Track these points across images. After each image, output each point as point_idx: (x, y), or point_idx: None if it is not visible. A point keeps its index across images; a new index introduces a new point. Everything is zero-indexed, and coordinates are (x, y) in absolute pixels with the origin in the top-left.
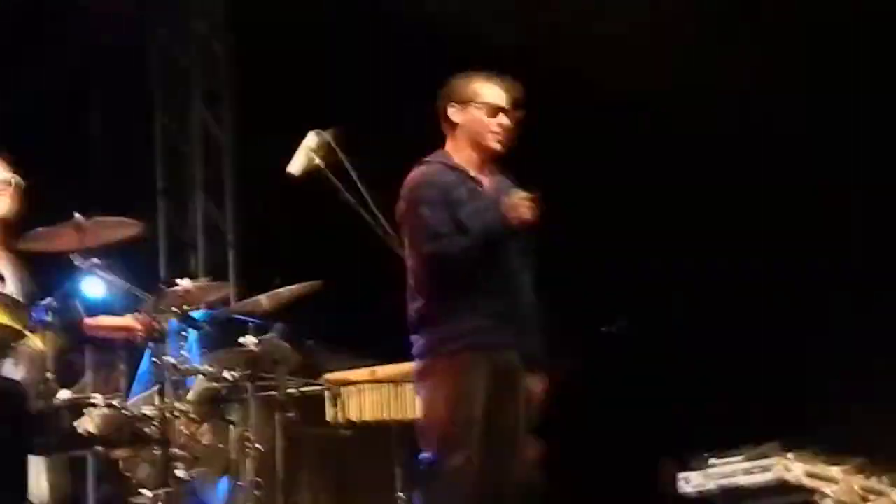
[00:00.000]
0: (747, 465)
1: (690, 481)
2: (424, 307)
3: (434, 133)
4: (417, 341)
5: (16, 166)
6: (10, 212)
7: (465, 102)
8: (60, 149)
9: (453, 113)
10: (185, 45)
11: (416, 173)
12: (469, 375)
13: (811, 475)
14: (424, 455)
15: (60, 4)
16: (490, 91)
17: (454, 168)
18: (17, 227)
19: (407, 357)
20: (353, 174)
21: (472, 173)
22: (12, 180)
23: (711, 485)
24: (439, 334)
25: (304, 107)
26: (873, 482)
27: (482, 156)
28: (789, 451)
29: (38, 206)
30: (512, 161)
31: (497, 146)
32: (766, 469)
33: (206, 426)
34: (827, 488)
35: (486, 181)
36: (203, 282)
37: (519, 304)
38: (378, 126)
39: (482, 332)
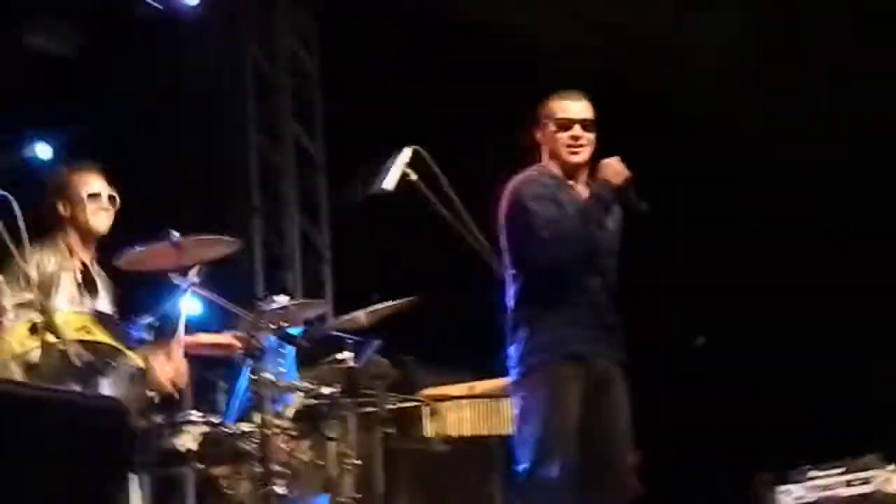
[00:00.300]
0: (848, 477)
1: (791, 493)
2: (518, 316)
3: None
4: (511, 352)
5: (112, 181)
6: (108, 228)
7: (542, 121)
8: (155, 168)
9: (536, 133)
10: (276, 62)
11: (518, 177)
12: (563, 385)
13: None
14: (520, 467)
15: (151, 22)
16: (559, 106)
17: (553, 177)
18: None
19: (504, 372)
20: (448, 188)
21: (571, 183)
22: (113, 196)
23: (812, 497)
24: (532, 344)
25: (393, 123)
26: None
27: (566, 169)
28: (890, 462)
29: (135, 226)
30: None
31: (573, 158)
32: (866, 481)
33: (305, 442)
34: None
35: (583, 192)
36: (300, 299)
37: (605, 315)
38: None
39: (574, 341)
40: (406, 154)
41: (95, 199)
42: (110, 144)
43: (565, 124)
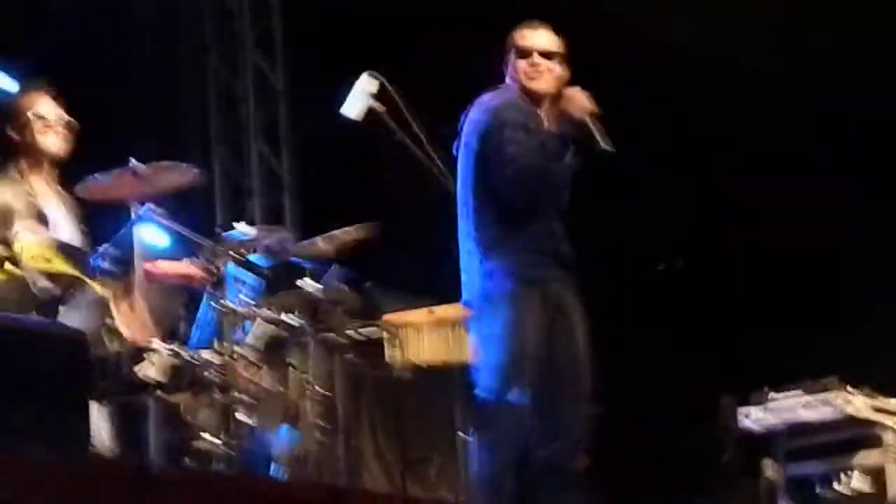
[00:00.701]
0: (808, 398)
1: (751, 416)
2: (474, 242)
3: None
4: (467, 277)
5: (69, 108)
6: (63, 151)
7: (509, 51)
8: (112, 96)
9: (506, 61)
10: None
11: (495, 96)
12: (520, 310)
13: (875, 409)
14: (482, 393)
15: None
16: (520, 35)
17: (520, 105)
18: (67, 168)
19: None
20: (409, 115)
21: (539, 112)
22: (64, 118)
23: (774, 419)
24: (489, 270)
25: (354, 50)
26: None
27: (532, 96)
28: (847, 384)
29: (93, 152)
30: None
31: (531, 84)
32: (826, 402)
33: (266, 370)
34: (890, 421)
35: (545, 120)
36: (260, 226)
37: (560, 244)
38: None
39: (530, 266)
40: (365, 80)
41: (43, 119)
42: (68, 72)
43: (525, 52)
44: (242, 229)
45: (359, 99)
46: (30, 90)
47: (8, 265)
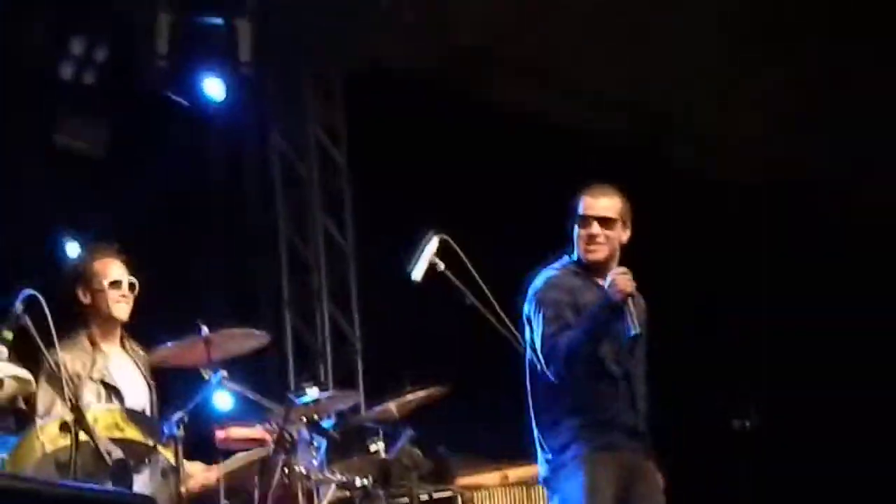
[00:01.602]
0: None
1: None
2: (542, 409)
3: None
4: (541, 443)
5: (137, 271)
6: (129, 315)
7: (572, 215)
8: (185, 262)
9: (570, 225)
10: (305, 153)
11: (542, 275)
12: (597, 473)
13: None
14: None
15: (180, 114)
16: (582, 202)
17: (580, 274)
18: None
19: (536, 459)
20: (476, 276)
21: (599, 281)
22: (135, 285)
23: None
24: (563, 437)
25: (421, 212)
26: None
27: (591, 265)
28: None
29: (166, 320)
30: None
31: (589, 256)
32: None
33: None
34: None
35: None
36: (332, 390)
37: (627, 413)
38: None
39: (599, 432)
40: (433, 243)
41: (116, 286)
42: (139, 239)
43: (584, 221)
44: (313, 393)
45: (425, 260)
46: (102, 253)
47: (79, 432)
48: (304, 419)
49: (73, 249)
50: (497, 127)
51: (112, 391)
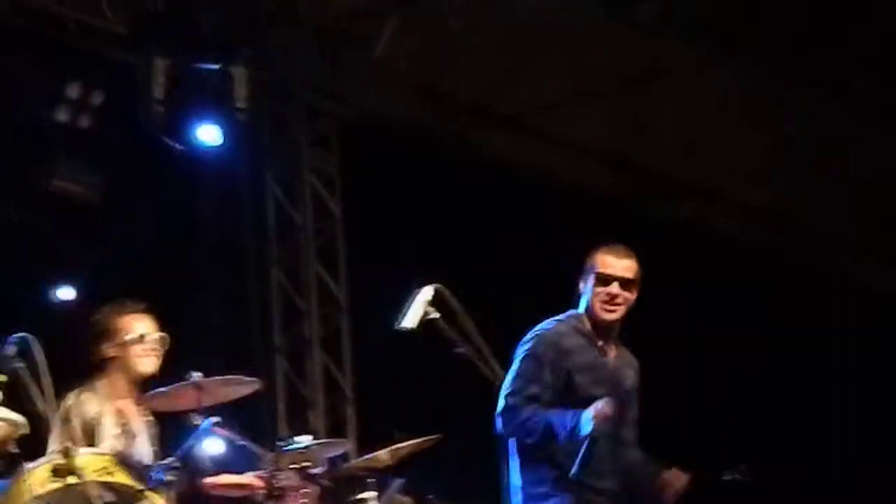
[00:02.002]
0: None
1: None
2: (520, 458)
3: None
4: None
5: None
6: (155, 370)
7: (586, 271)
8: (177, 308)
9: (580, 281)
10: (300, 200)
11: (545, 327)
12: None
13: None
14: None
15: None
16: (603, 260)
17: (584, 333)
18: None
19: None
20: (469, 326)
21: (601, 343)
22: (164, 338)
23: None
24: (537, 492)
25: (414, 262)
26: None
27: (601, 325)
28: None
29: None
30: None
31: (606, 316)
32: None
33: None
34: None
35: (612, 353)
36: (323, 438)
37: (615, 469)
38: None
39: (580, 492)
40: (427, 292)
41: (144, 342)
42: (133, 285)
43: (605, 279)
44: (304, 441)
45: (418, 308)
46: (130, 308)
47: (70, 478)
48: (295, 466)
49: (66, 293)
50: (492, 179)
51: (127, 433)
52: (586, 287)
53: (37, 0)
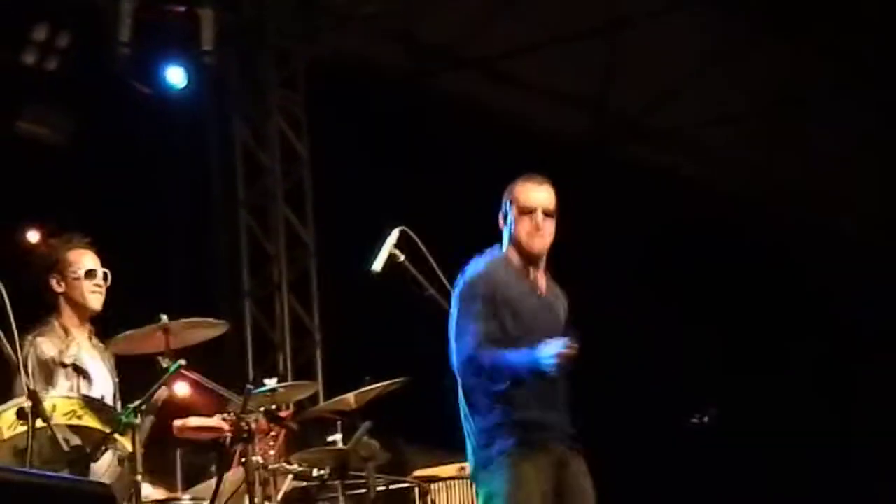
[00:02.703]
0: None
1: None
2: (467, 402)
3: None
4: (468, 438)
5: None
6: (101, 305)
7: (507, 206)
8: (144, 251)
9: (503, 214)
10: (267, 143)
11: (472, 266)
12: (519, 474)
13: None
14: None
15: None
16: (524, 191)
17: (514, 267)
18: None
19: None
20: (436, 267)
21: (532, 276)
22: (108, 276)
23: None
24: (487, 434)
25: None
26: None
27: (530, 256)
28: None
29: (125, 308)
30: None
31: (534, 245)
32: None
33: None
34: None
35: (543, 286)
36: (291, 381)
37: (557, 397)
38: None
39: (528, 428)
40: (394, 234)
41: (91, 276)
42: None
43: (529, 210)
44: (271, 383)
45: (385, 251)
46: (75, 243)
47: (36, 419)
48: (262, 409)
49: (33, 237)
50: (457, 120)
51: (83, 375)
52: (508, 221)
53: None
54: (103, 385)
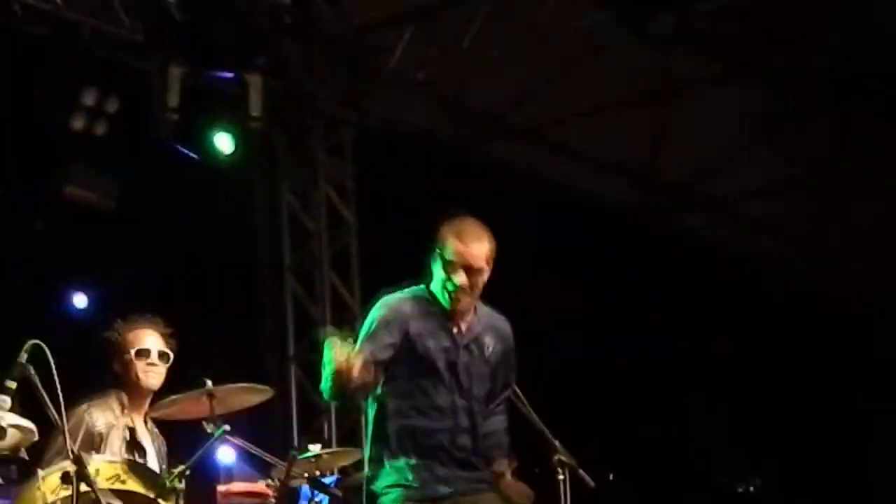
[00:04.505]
0: None
1: None
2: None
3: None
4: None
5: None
6: (160, 384)
7: (436, 249)
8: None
9: (433, 254)
10: (314, 209)
11: (390, 296)
12: None
13: None
14: None
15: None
16: (453, 246)
17: (432, 312)
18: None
19: None
20: None
21: (450, 320)
22: (168, 355)
23: None
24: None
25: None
26: None
27: (452, 313)
28: None
29: (173, 373)
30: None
31: (455, 305)
32: None
33: None
34: None
35: (465, 322)
36: (335, 447)
37: (461, 448)
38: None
39: (428, 483)
40: None
41: (143, 355)
42: (147, 293)
43: (452, 268)
44: (315, 449)
45: None
46: (135, 323)
47: (80, 483)
48: (306, 475)
49: (79, 302)
50: (505, 188)
51: (136, 447)
52: (435, 266)
53: (54, 6)
54: (153, 464)
